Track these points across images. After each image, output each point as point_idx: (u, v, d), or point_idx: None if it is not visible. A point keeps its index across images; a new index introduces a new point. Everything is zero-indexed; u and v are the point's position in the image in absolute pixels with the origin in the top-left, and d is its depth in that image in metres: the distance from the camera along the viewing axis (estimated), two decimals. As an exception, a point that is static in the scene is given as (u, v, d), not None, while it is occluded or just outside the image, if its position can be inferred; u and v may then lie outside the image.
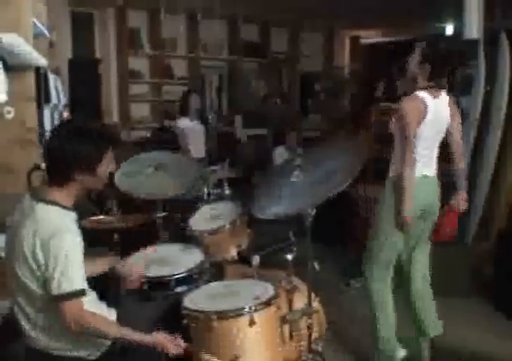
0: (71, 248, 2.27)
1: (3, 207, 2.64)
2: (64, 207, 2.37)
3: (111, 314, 2.55)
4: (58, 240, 2.23)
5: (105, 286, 2.76)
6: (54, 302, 2.25)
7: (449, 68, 3.51)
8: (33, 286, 2.30)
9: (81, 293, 2.27)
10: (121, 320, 2.50)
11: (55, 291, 2.23)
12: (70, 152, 2.33)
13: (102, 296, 2.60)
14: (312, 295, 2.89)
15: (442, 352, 3.64)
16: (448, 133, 3.41)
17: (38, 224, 2.27)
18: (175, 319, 2.66)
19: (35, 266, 2.26)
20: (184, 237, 3.41)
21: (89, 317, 2.30)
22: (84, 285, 2.31)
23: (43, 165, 2.97)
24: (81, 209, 2.50)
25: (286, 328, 2.79)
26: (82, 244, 2.38)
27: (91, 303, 2.40)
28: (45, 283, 2.26)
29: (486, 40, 4.86)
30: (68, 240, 2.27)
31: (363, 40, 12.16)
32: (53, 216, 2.31)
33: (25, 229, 2.28)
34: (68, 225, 2.34)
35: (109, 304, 2.60)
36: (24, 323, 2.39)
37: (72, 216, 2.41)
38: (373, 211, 3.71)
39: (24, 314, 2.38)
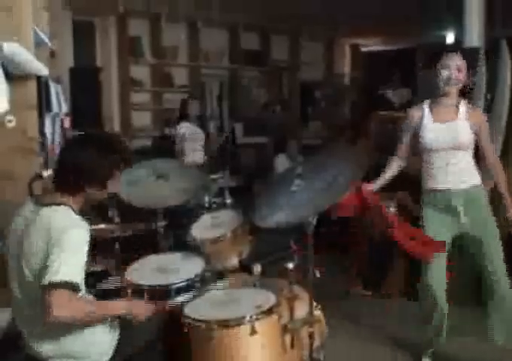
0: (79, 242, 2.27)
1: (4, 215, 2.64)
2: (72, 210, 2.38)
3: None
4: (69, 233, 2.24)
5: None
6: (44, 289, 2.14)
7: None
8: (38, 289, 2.28)
9: (75, 287, 2.20)
10: (122, 328, 2.50)
11: (50, 277, 2.14)
12: (84, 166, 2.35)
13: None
14: (314, 303, 2.88)
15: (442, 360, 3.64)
16: None
17: (49, 224, 2.27)
18: (175, 327, 2.66)
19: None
20: (185, 245, 3.40)
21: (79, 303, 2.24)
22: (81, 281, 2.27)
23: (44, 174, 2.97)
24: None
25: (287, 336, 2.77)
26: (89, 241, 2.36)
27: None
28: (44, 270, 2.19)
29: (487, 48, 4.87)
30: (80, 234, 2.29)
31: (363, 48, 12.20)
32: (62, 214, 2.32)
33: (35, 231, 2.28)
34: (78, 221, 2.35)
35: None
36: (25, 332, 2.39)
37: (80, 218, 2.40)
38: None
39: (26, 323, 2.38)
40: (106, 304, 2.45)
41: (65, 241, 2.22)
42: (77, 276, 2.23)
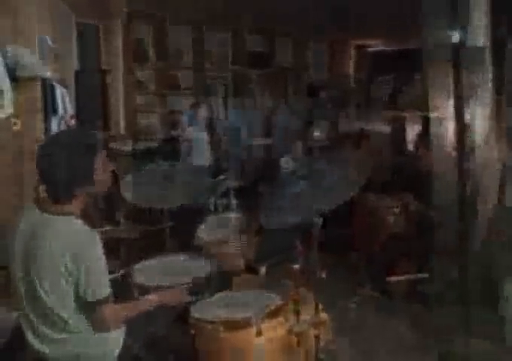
0: (100, 255, 2.32)
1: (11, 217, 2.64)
2: (77, 217, 2.38)
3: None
4: (89, 250, 2.28)
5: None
6: (91, 307, 2.32)
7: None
8: (46, 297, 2.29)
9: (110, 296, 2.36)
10: (131, 330, 2.51)
11: (92, 297, 2.29)
12: (62, 174, 2.33)
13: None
14: (319, 305, 2.87)
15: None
16: None
17: (66, 237, 2.28)
18: (182, 327, 2.66)
19: (63, 275, 2.26)
20: (191, 246, 3.41)
21: (120, 311, 2.42)
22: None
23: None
24: (87, 220, 2.49)
25: (293, 338, 2.77)
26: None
27: None
28: (76, 290, 2.29)
29: (493, 47, 4.85)
30: (98, 248, 2.32)
31: (368, 49, 12.18)
32: (76, 227, 2.33)
33: (47, 241, 2.27)
34: (92, 233, 2.36)
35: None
36: (30, 336, 2.39)
37: (89, 229, 2.40)
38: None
39: (32, 327, 2.37)
40: (142, 304, 2.58)
41: (91, 261, 2.28)
42: (108, 286, 2.35)
